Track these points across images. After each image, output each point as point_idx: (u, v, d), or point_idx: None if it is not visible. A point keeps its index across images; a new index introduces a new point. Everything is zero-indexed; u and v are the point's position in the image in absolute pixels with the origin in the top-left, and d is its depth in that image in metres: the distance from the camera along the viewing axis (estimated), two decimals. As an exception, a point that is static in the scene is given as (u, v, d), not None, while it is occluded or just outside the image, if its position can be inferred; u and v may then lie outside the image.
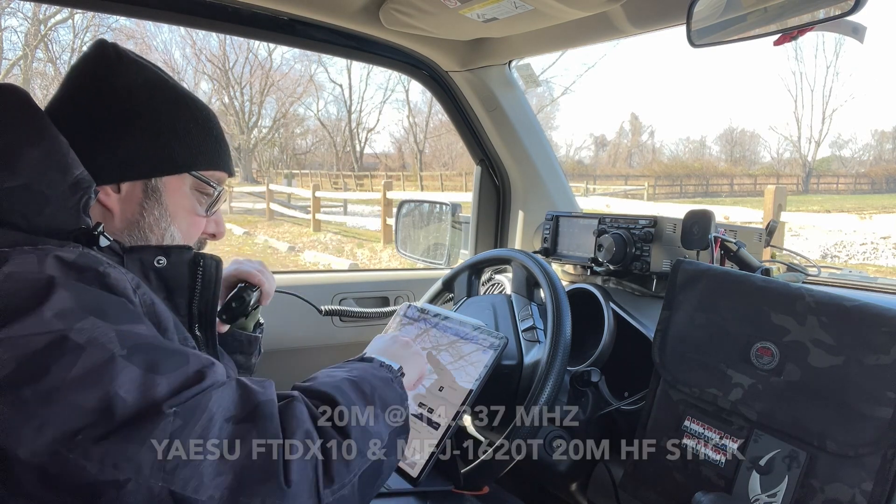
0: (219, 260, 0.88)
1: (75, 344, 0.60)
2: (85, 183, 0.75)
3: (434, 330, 1.14)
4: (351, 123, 35.20)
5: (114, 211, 0.82)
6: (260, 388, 0.69)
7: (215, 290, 0.88)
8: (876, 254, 10.61)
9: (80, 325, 0.61)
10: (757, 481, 0.82)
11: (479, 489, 0.99)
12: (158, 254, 0.82)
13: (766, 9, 1.00)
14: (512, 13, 1.22)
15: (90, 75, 0.83)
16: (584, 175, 38.29)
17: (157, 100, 0.84)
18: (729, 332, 0.91)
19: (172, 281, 0.84)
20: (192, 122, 0.86)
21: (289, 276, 1.69)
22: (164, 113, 0.84)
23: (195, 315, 0.87)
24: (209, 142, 0.88)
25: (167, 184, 0.85)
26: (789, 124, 60.00)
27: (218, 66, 29.98)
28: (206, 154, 0.88)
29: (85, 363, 0.59)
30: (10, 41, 23.98)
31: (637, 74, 73.45)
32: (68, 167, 0.74)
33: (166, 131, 0.84)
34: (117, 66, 0.84)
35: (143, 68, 0.86)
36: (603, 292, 1.31)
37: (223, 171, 0.91)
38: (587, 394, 1.12)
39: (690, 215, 1.18)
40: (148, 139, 0.82)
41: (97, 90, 0.82)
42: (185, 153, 0.85)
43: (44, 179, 0.72)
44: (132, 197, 0.83)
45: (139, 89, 0.83)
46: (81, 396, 0.58)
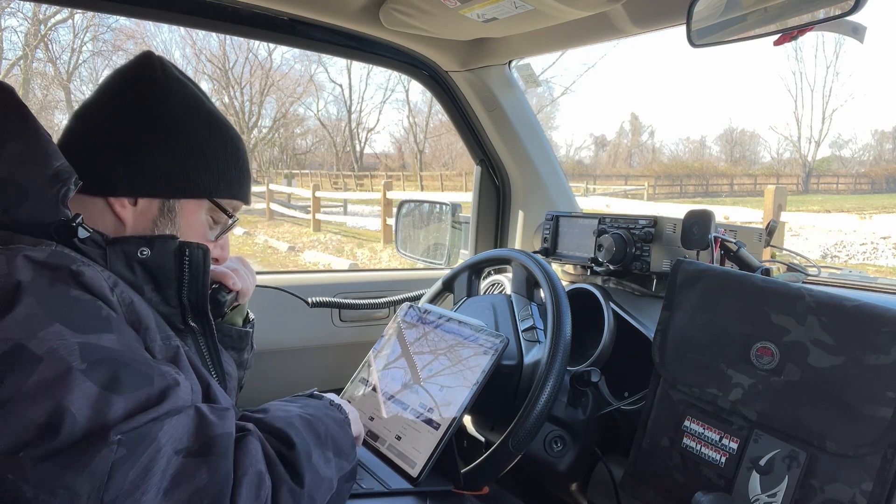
0: (206, 248, 0.85)
1: (33, 354, 0.58)
2: (65, 174, 0.74)
3: (433, 332, 1.14)
4: (351, 123, 35.21)
5: (126, 223, 0.82)
6: (218, 419, 0.66)
7: (204, 278, 0.85)
8: (876, 254, 10.61)
9: (43, 333, 0.59)
10: (757, 481, 0.82)
11: (479, 489, 0.99)
12: (142, 245, 0.80)
13: (766, 9, 1.00)
14: (512, 13, 1.22)
15: (131, 86, 0.83)
16: (584, 175, 38.29)
17: (191, 122, 0.84)
18: (729, 332, 0.91)
19: (158, 272, 0.82)
20: (221, 148, 0.86)
21: (289, 277, 1.69)
22: (197, 136, 0.84)
23: (187, 306, 0.85)
24: (234, 170, 0.88)
25: (184, 206, 0.85)
26: (789, 124, 59.97)
27: (218, 66, 29.97)
28: (228, 182, 0.88)
29: (40, 375, 0.57)
30: (10, 41, 23.99)
31: (637, 74, 73.51)
32: (48, 158, 0.73)
33: (195, 155, 0.84)
34: (162, 82, 0.84)
35: (184, 87, 0.86)
36: (603, 292, 1.31)
37: (242, 200, 0.91)
38: (587, 394, 1.12)
39: (690, 215, 1.18)
40: (176, 160, 0.82)
41: (136, 103, 0.82)
42: (209, 179, 0.85)
43: (24, 172, 0.72)
44: (147, 212, 0.83)
45: (177, 109, 0.83)
46: (31, 410, 0.56)
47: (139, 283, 0.80)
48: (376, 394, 1.12)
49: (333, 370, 1.64)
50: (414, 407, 1.03)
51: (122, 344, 0.65)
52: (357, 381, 1.19)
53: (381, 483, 0.93)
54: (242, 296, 1.05)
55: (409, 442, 0.99)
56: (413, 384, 1.07)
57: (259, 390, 1.36)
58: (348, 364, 1.42)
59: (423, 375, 1.07)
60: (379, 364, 1.18)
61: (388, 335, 1.23)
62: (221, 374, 0.94)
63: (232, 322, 1.08)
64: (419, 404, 1.03)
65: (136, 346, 0.68)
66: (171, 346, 0.77)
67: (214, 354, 0.93)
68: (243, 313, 1.11)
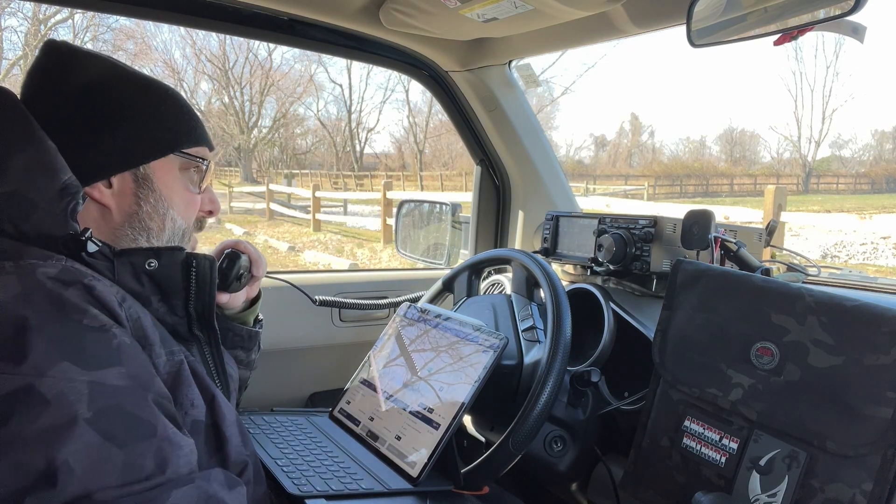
0: (212, 259, 0.87)
1: (41, 397, 0.57)
2: (72, 188, 0.74)
3: (434, 331, 1.14)
4: (351, 123, 35.21)
5: (111, 207, 0.82)
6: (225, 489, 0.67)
7: (211, 289, 0.87)
8: (876, 254, 10.61)
9: (52, 371, 0.58)
10: (757, 481, 0.82)
11: (479, 489, 0.99)
12: (150, 256, 0.80)
13: (766, 9, 1.00)
14: (512, 13, 1.22)
15: (47, 78, 0.82)
16: (584, 175, 38.28)
17: (123, 88, 0.83)
18: (729, 331, 0.91)
19: (166, 283, 0.82)
20: (160, 103, 0.86)
21: (288, 276, 1.69)
22: (135, 100, 0.83)
23: (193, 315, 0.86)
24: (184, 119, 0.88)
25: (156, 169, 0.85)
26: (789, 124, 59.95)
27: (218, 66, 29.95)
28: (185, 132, 0.87)
29: (46, 420, 0.57)
30: (10, 41, 24.03)
31: (637, 74, 73.49)
32: (56, 172, 0.73)
33: (142, 117, 0.83)
34: (73, 62, 0.82)
35: (98, 61, 0.84)
36: (603, 292, 1.31)
37: (204, 145, 0.91)
38: (587, 394, 1.12)
39: (690, 215, 1.18)
40: (128, 128, 0.82)
41: (60, 90, 0.81)
42: (166, 135, 0.85)
43: (32, 185, 0.71)
44: (125, 189, 0.83)
45: (100, 82, 0.82)
46: (31, 455, 0.55)
47: (146, 293, 0.81)
48: (376, 393, 1.12)
49: (333, 370, 1.64)
50: (414, 406, 1.03)
51: (130, 378, 0.64)
52: (357, 381, 1.19)
53: (381, 483, 0.93)
54: (256, 265, 1.06)
55: (409, 442, 0.99)
56: (413, 382, 1.07)
57: (259, 390, 1.36)
58: (348, 364, 1.42)
59: (423, 373, 1.07)
60: (379, 363, 1.18)
61: (389, 334, 1.23)
62: (225, 381, 0.95)
63: (244, 322, 1.09)
64: (419, 404, 1.03)
65: (144, 378, 0.67)
66: (175, 362, 0.77)
67: (219, 362, 0.93)
68: (256, 312, 1.12)
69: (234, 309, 1.08)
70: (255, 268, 1.07)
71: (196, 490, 0.63)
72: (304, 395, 1.64)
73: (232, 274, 1.02)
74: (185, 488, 0.62)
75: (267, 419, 1.15)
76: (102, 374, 0.62)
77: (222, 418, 0.80)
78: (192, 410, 0.76)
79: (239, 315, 1.09)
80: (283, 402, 1.57)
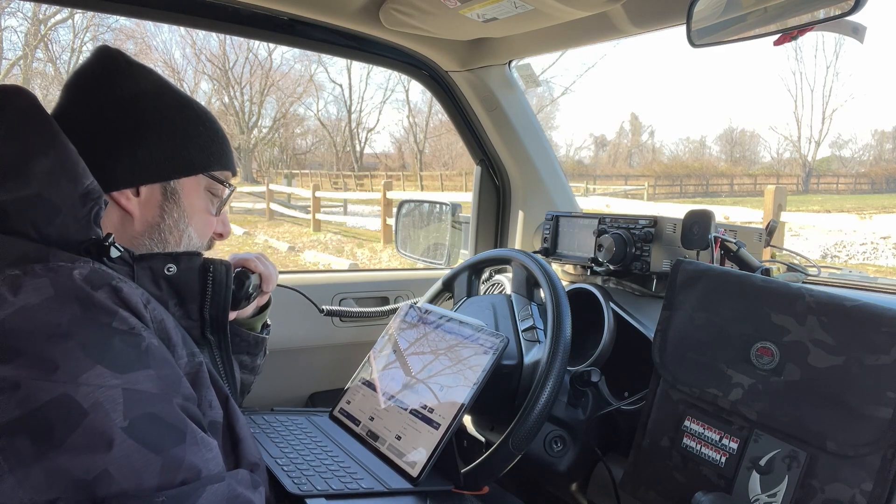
0: (228, 265, 0.89)
1: (79, 407, 0.58)
2: (95, 193, 0.74)
3: (433, 333, 1.14)
4: (351, 123, 35.22)
5: (134, 215, 0.83)
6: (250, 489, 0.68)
7: (226, 294, 0.89)
8: (876, 254, 10.60)
9: (86, 377, 0.59)
10: (757, 481, 0.82)
11: (479, 489, 0.99)
12: (168, 261, 0.82)
13: (766, 9, 1.00)
14: (512, 13, 1.22)
15: (98, 82, 0.83)
16: (584, 175, 38.27)
17: (167, 104, 0.85)
18: (729, 332, 0.91)
19: (183, 288, 0.84)
20: (199, 124, 0.88)
21: (288, 276, 1.69)
22: (175, 117, 0.85)
23: (207, 320, 0.88)
24: (217, 143, 0.90)
25: (185, 185, 0.86)
26: (789, 124, 60.02)
27: (218, 66, 29.94)
28: (216, 154, 0.89)
29: (84, 431, 0.57)
30: (10, 41, 24.01)
31: (637, 74, 73.49)
32: (79, 177, 0.73)
33: (180, 134, 0.85)
34: (126, 72, 0.85)
35: (149, 73, 0.87)
36: (603, 292, 1.31)
37: (230, 170, 0.93)
38: (587, 394, 1.12)
39: (690, 215, 1.18)
40: (165, 142, 0.84)
41: (108, 97, 0.82)
42: (199, 155, 0.87)
43: (55, 189, 0.71)
44: (152, 200, 0.84)
45: (148, 94, 0.84)
46: (71, 463, 0.56)
47: (164, 297, 0.82)
48: (376, 394, 1.12)
49: (333, 370, 1.64)
50: (414, 407, 1.03)
51: (160, 380, 0.65)
52: (357, 381, 1.19)
53: (381, 483, 0.93)
54: (266, 282, 1.07)
55: (409, 442, 0.99)
56: (413, 384, 1.07)
57: (259, 390, 1.36)
58: (348, 364, 1.42)
59: (423, 375, 1.07)
60: (379, 364, 1.18)
61: (389, 335, 1.23)
62: (234, 384, 0.97)
63: (251, 328, 1.10)
64: (419, 404, 1.03)
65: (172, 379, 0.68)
66: (195, 363, 0.77)
67: (228, 365, 0.95)
68: (264, 318, 1.13)
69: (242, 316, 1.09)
70: (266, 284, 1.08)
71: (227, 487, 0.65)
72: (304, 394, 1.64)
73: (241, 294, 1.02)
74: (218, 485, 0.64)
75: (267, 419, 1.15)
76: (134, 378, 0.62)
77: (236, 419, 0.81)
78: (209, 411, 0.76)
79: (247, 321, 1.10)
80: (283, 401, 1.57)
